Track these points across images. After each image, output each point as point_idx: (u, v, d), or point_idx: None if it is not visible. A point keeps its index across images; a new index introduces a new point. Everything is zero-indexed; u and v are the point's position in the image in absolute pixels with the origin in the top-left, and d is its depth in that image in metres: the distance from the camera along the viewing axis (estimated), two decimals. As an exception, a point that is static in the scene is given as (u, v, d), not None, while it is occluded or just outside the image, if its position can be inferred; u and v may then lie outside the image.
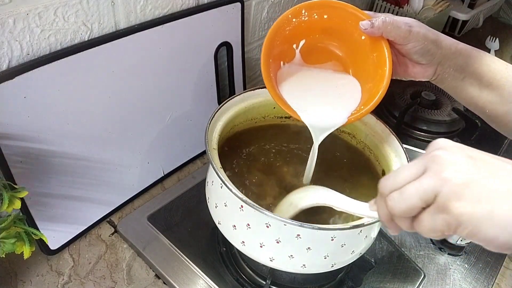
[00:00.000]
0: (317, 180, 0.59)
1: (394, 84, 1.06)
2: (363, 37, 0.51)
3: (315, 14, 0.52)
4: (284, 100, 0.52)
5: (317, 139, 0.52)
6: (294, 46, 0.54)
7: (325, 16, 0.52)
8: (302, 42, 0.54)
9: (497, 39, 1.35)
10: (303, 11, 0.52)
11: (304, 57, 0.55)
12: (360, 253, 0.55)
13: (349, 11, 0.51)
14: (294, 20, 0.52)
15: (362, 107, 0.51)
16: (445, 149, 0.33)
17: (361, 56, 0.52)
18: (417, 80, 0.54)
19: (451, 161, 0.31)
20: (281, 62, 0.54)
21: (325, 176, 0.60)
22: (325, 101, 0.53)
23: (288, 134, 0.66)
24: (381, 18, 0.48)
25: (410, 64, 0.52)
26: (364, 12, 0.50)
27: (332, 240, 0.49)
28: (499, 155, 0.33)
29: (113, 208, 0.69)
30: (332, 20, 0.52)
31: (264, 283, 0.60)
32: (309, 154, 0.55)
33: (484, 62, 0.51)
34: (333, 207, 0.48)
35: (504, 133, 0.56)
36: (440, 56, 0.50)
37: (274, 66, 0.53)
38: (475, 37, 1.43)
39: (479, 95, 0.52)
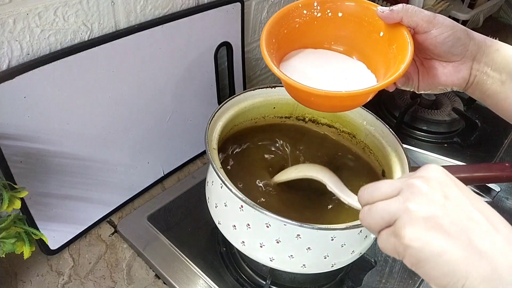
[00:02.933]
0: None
1: (394, 84, 1.05)
2: (381, 34, 0.46)
3: (328, 11, 0.48)
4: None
5: None
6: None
7: (340, 14, 0.48)
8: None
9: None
10: (315, 4, 0.47)
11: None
12: (360, 253, 0.55)
13: (364, 6, 0.47)
14: (305, 12, 0.47)
15: (388, 75, 0.44)
16: (426, 180, 0.32)
17: (380, 54, 0.47)
18: (449, 87, 0.46)
19: (423, 193, 0.31)
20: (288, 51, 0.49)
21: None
22: (331, 79, 0.48)
23: (288, 134, 0.66)
24: (401, 4, 0.43)
25: (439, 66, 0.45)
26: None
27: (332, 240, 0.49)
28: (499, 155, 0.33)
29: (113, 208, 0.69)
30: (348, 19, 0.48)
31: (264, 283, 0.60)
32: (309, 153, 0.55)
33: None
34: (327, 186, 0.50)
35: None
36: (474, 49, 0.43)
37: (279, 53, 0.48)
38: (475, 37, 1.43)
39: None
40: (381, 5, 0.46)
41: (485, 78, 0.44)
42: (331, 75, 0.47)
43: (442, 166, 0.34)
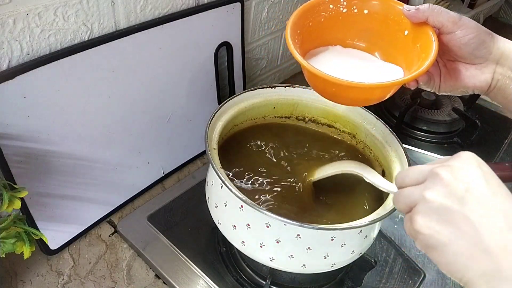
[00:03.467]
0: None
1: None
2: (406, 32, 0.46)
3: (354, 7, 0.48)
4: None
5: None
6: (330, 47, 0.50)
7: (366, 11, 0.48)
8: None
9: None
10: (342, 1, 0.47)
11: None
12: (360, 253, 0.55)
13: (391, 5, 0.47)
14: (331, 6, 0.48)
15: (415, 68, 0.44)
16: (452, 170, 0.33)
17: (404, 53, 0.47)
18: (470, 90, 0.46)
19: (444, 184, 0.32)
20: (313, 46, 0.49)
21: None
22: (358, 71, 0.48)
23: (289, 134, 0.66)
24: (427, 4, 0.43)
25: (462, 68, 0.45)
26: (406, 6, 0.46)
27: (332, 240, 0.49)
28: (499, 155, 0.33)
29: (113, 208, 0.69)
30: (373, 17, 0.48)
31: (264, 283, 0.60)
32: (309, 153, 0.55)
33: None
34: (364, 178, 0.52)
35: None
36: (497, 52, 0.43)
37: (304, 45, 0.48)
38: (475, 37, 1.43)
39: None
40: None
41: (508, 82, 0.44)
42: (356, 68, 0.48)
43: None
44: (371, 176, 0.52)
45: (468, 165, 0.33)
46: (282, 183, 0.58)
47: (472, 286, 0.31)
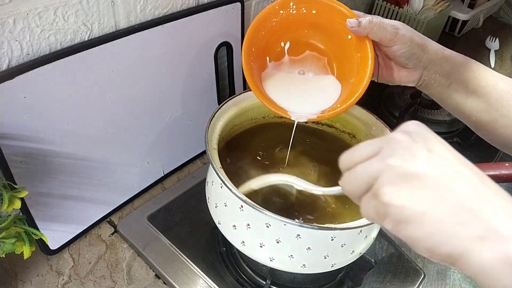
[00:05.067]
0: (317, 179, 0.59)
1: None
2: (349, 37, 0.51)
3: (303, 8, 0.52)
4: (262, 92, 0.52)
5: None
6: (282, 43, 0.54)
7: (314, 11, 0.52)
8: (288, 43, 0.54)
9: (497, 39, 1.35)
10: (291, 4, 0.51)
11: (290, 51, 0.55)
12: (360, 253, 0.55)
13: (337, 9, 0.51)
14: (281, 12, 0.52)
15: (338, 105, 0.51)
16: (407, 134, 0.30)
17: (346, 55, 0.52)
18: (402, 85, 0.53)
19: (405, 147, 0.29)
20: (267, 58, 0.54)
21: (325, 175, 0.60)
22: (302, 99, 0.53)
23: (288, 133, 0.66)
24: (368, 18, 0.48)
25: (396, 68, 0.52)
26: (352, 12, 0.50)
27: (332, 240, 0.49)
28: (499, 155, 0.33)
29: (113, 208, 0.69)
30: (320, 16, 0.52)
31: (264, 283, 0.60)
32: (308, 153, 0.55)
33: (470, 69, 0.51)
34: (295, 186, 0.50)
35: (490, 141, 0.55)
36: (426, 61, 0.50)
37: (258, 62, 0.53)
38: (475, 37, 1.43)
39: (465, 102, 0.52)
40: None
41: (432, 82, 0.52)
42: (302, 96, 0.54)
43: None
44: (302, 183, 0.50)
45: (419, 128, 0.31)
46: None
47: (467, 255, 0.27)
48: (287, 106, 0.52)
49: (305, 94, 0.53)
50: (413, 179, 0.28)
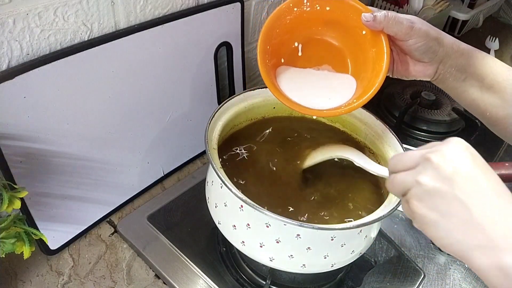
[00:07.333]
0: (317, 178, 0.59)
1: (394, 84, 1.06)
2: (364, 32, 0.50)
3: (317, 5, 0.51)
4: (277, 88, 0.52)
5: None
6: (296, 41, 0.54)
7: (328, 8, 0.51)
8: (302, 41, 0.54)
9: (497, 39, 1.35)
10: (305, 1, 0.51)
11: (304, 48, 0.54)
12: (360, 253, 0.55)
13: (352, 5, 0.50)
14: (295, 9, 0.51)
15: (354, 100, 0.51)
16: (442, 154, 0.36)
17: (361, 51, 0.52)
18: (418, 79, 0.54)
19: (434, 168, 0.35)
20: (281, 59, 0.54)
21: (325, 175, 0.60)
22: (317, 95, 0.53)
23: (288, 133, 0.66)
24: (383, 12, 0.48)
25: (411, 63, 0.52)
26: (367, 7, 0.50)
27: (332, 240, 0.49)
28: (498, 155, 0.34)
29: (113, 208, 0.69)
30: (335, 13, 0.51)
31: (264, 283, 0.60)
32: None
33: (486, 64, 0.51)
34: (355, 163, 0.54)
35: (504, 137, 0.55)
36: (442, 55, 0.50)
37: (273, 60, 0.53)
38: (475, 37, 1.43)
39: (480, 97, 0.52)
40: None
41: (448, 76, 0.52)
42: (318, 92, 0.53)
43: None
44: (362, 161, 0.53)
45: (456, 149, 0.36)
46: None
47: (468, 258, 0.34)
48: (303, 102, 0.51)
49: (320, 91, 0.53)
50: (435, 196, 0.35)
